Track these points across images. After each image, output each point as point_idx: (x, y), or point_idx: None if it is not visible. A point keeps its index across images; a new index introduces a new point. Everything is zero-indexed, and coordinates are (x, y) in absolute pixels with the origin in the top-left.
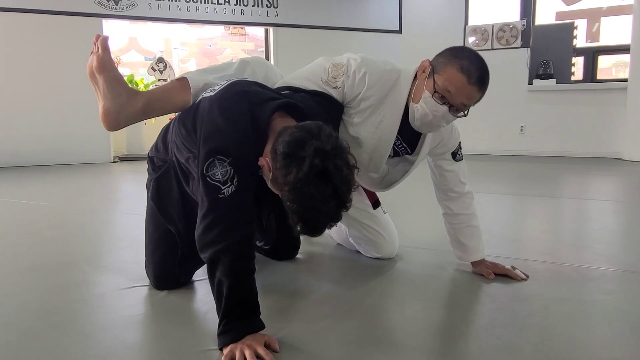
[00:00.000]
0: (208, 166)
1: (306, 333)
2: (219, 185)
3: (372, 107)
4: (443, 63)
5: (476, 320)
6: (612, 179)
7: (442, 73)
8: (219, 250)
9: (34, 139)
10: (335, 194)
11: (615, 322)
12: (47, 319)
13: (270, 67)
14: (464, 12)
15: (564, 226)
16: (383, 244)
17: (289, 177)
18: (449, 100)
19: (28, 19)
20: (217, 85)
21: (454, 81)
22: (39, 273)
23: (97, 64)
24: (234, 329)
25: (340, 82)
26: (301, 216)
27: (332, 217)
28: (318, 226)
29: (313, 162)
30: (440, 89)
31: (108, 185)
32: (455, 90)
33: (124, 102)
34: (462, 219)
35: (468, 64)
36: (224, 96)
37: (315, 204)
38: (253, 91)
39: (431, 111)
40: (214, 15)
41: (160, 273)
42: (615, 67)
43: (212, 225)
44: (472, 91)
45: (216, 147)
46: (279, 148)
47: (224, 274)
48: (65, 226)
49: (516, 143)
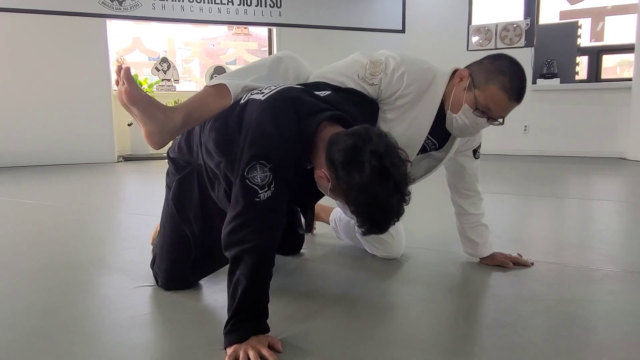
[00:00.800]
0: (249, 169)
1: (310, 333)
2: (257, 189)
3: (408, 105)
4: (484, 79)
5: (480, 321)
6: (616, 178)
7: (483, 89)
8: (245, 250)
9: (39, 139)
10: (396, 189)
11: (619, 323)
12: (52, 318)
13: (301, 63)
14: (468, 12)
15: (568, 226)
16: (391, 244)
17: (353, 182)
18: (488, 115)
19: (32, 20)
20: (265, 88)
21: (495, 99)
22: (43, 273)
23: (127, 98)
24: (241, 329)
25: (378, 80)
26: (369, 217)
27: (397, 212)
28: (385, 223)
29: (372, 164)
30: (481, 105)
31: (112, 185)
32: (496, 108)
33: (163, 122)
34: (474, 218)
35: (509, 80)
36: (275, 103)
37: (380, 203)
38: (302, 100)
39: (471, 124)
40: (218, 15)
41: (172, 273)
42: (619, 66)
43: (242, 226)
44: (512, 106)
45: (261, 152)
46: (336, 158)
47: (243, 274)
48: (69, 226)
49: (520, 143)
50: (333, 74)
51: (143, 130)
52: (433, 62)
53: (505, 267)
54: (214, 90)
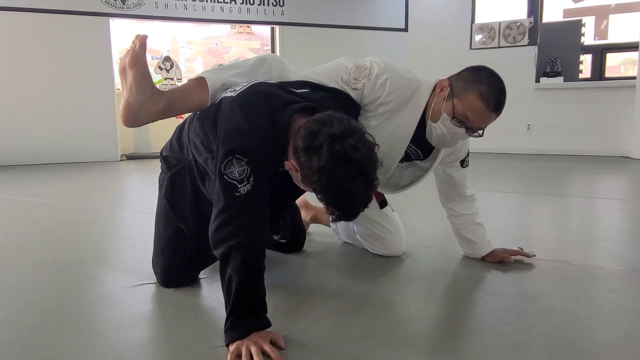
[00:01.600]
0: (226, 165)
1: (312, 330)
2: (236, 184)
3: (390, 113)
4: (463, 88)
5: (482, 319)
6: (619, 177)
7: (461, 99)
8: (232, 246)
9: (42, 138)
10: (360, 172)
11: (622, 321)
12: (56, 316)
13: (285, 65)
14: (471, 10)
15: (571, 225)
16: (391, 241)
17: (314, 167)
18: (466, 124)
19: (36, 19)
20: (238, 86)
21: (473, 108)
22: (47, 270)
23: (131, 57)
24: (241, 325)
25: (361, 84)
26: (335, 203)
27: (364, 196)
28: (353, 208)
29: (330, 147)
30: (459, 114)
31: (115, 184)
32: (474, 117)
33: (147, 99)
34: (466, 218)
35: (487, 90)
36: (246, 97)
37: (344, 187)
38: (274, 93)
39: (449, 133)
40: (220, 14)
41: (168, 271)
42: (624, 64)
43: (226, 222)
44: (490, 116)
45: (235, 146)
46: (298, 145)
47: (234, 270)
48: (72, 224)
49: (523, 141)
50: (317, 75)
51: (124, 100)
52: (436, 61)
53: (506, 262)
54: (196, 83)
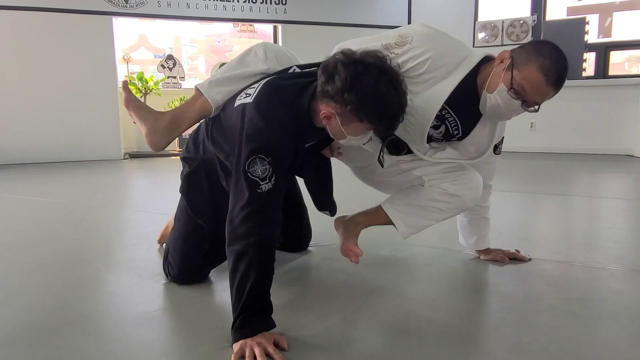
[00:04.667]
0: (250, 163)
1: (315, 330)
2: (258, 181)
3: (434, 80)
4: (525, 59)
5: (484, 320)
6: (623, 176)
7: (521, 69)
8: (250, 244)
9: (45, 136)
10: (383, 73)
11: (624, 323)
12: (61, 315)
13: (275, 47)
14: (474, 8)
15: (574, 224)
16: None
17: (345, 87)
18: (523, 97)
19: (39, 17)
20: (251, 88)
21: (532, 80)
22: (52, 269)
23: (123, 101)
24: (250, 325)
25: (400, 52)
26: (374, 112)
27: (399, 102)
28: (393, 111)
29: (348, 66)
30: (517, 85)
31: (119, 182)
32: (532, 90)
33: (152, 122)
34: (480, 211)
35: (549, 63)
36: (261, 99)
37: (377, 90)
38: (284, 85)
39: (504, 104)
40: (223, 12)
41: (184, 267)
42: (628, 61)
43: (247, 218)
44: (549, 91)
45: (258, 146)
46: (325, 89)
47: (251, 267)
48: (77, 223)
49: (526, 140)
50: (358, 43)
51: (143, 133)
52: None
53: (501, 261)
54: (197, 93)
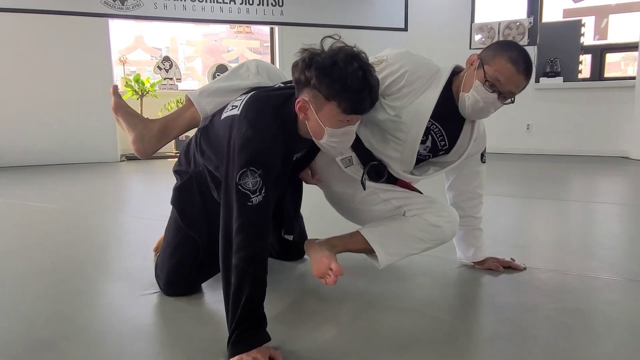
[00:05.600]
0: (241, 175)
1: (311, 343)
2: (249, 194)
3: (414, 92)
4: (492, 55)
5: (479, 332)
6: (618, 179)
7: (491, 64)
8: (243, 257)
9: (41, 139)
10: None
11: (619, 335)
12: (59, 328)
13: (267, 64)
14: (470, 10)
15: (569, 231)
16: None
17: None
18: (498, 88)
19: (35, 20)
20: (236, 101)
21: (503, 71)
22: (48, 279)
23: (113, 106)
24: (246, 339)
25: (378, 69)
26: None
27: (370, 84)
28: (359, 90)
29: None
30: (491, 77)
31: (116, 186)
32: (505, 79)
33: (141, 129)
34: (473, 221)
35: (516, 55)
36: (248, 109)
37: (344, 70)
38: (271, 95)
39: (482, 98)
40: (220, 14)
41: (172, 278)
42: (624, 60)
43: (239, 231)
44: (520, 79)
45: (249, 157)
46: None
47: (244, 281)
48: (73, 229)
49: (523, 141)
50: None
51: (130, 139)
52: (436, 61)
53: (496, 270)
54: (188, 104)
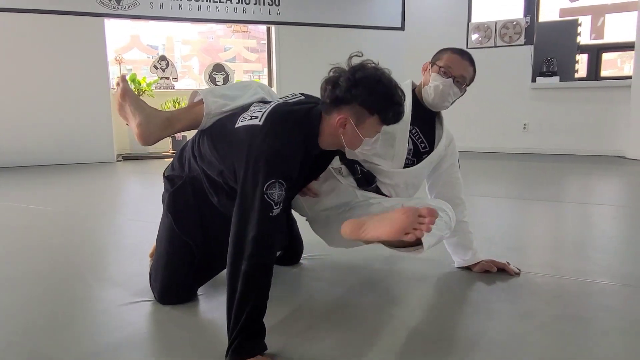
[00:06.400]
0: (269, 185)
1: (307, 353)
2: (272, 204)
3: None
4: (439, 54)
5: (474, 340)
6: (614, 179)
7: (441, 58)
8: (254, 265)
9: (37, 139)
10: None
11: (614, 341)
12: (54, 338)
13: (269, 89)
14: (467, 9)
15: (565, 233)
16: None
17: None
18: (452, 73)
19: (30, 19)
20: (255, 112)
21: (451, 59)
22: (44, 285)
23: (120, 92)
24: (247, 347)
25: None
26: (389, 100)
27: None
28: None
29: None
30: (443, 66)
31: (113, 187)
32: (454, 66)
33: (149, 113)
34: (464, 226)
35: (456, 48)
36: (273, 122)
37: (381, 80)
38: (293, 110)
39: (441, 82)
40: (216, 13)
41: (167, 288)
42: (620, 58)
43: (254, 240)
44: (466, 65)
45: (280, 170)
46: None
47: (252, 289)
48: (69, 233)
49: (519, 141)
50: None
51: (134, 125)
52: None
53: (490, 270)
54: (196, 102)
